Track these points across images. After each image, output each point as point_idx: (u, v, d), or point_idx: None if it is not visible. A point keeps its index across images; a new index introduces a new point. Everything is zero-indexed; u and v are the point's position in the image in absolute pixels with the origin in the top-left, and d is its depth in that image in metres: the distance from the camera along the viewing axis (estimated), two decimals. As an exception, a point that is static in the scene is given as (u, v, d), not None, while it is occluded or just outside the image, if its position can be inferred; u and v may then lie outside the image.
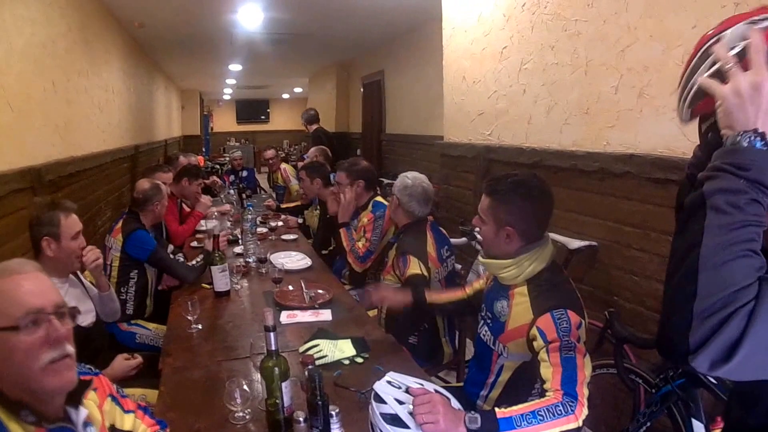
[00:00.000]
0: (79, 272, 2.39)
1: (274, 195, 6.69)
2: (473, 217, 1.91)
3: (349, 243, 3.21)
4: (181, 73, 11.94)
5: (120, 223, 3.09)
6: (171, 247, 3.63)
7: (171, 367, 2.02)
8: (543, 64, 3.05)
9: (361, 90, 9.52)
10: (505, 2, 3.37)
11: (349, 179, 3.35)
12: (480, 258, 1.95)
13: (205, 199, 4.77)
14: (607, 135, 2.61)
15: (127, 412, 1.40)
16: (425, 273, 2.52)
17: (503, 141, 3.55)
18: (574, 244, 2.74)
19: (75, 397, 1.15)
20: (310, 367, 1.63)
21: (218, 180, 6.60)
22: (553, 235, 2.79)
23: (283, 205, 5.54)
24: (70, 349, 1.10)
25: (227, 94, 18.34)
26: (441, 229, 2.83)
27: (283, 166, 6.49)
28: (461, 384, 2.24)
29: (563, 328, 1.58)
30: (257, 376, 1.82)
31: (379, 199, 3.40)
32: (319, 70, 12.06)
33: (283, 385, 1.54)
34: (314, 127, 7.93)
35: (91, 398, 1.25)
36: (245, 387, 1.63)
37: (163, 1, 5.21)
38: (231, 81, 13.73)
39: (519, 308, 1.75)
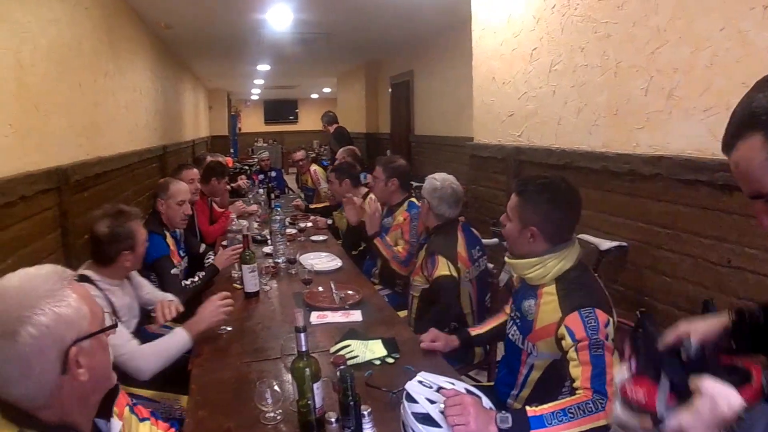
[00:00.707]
0: None
1: (302, 196, 6.80)
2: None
3: (389, 251, 3.28)
4: (208, 74, 12.19)
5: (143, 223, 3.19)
6: (203, 246, 3.73)
7: (201, 368, 2.07)
8: (573, 65, 3.12)
9: (389, 90, 9.64)
10: (535, 4, 3.44)
11: (385, 174, 3.48)
12: (506, 258, 1.99)
13: (239, 203, 4.98)
14: (637, 136, 2.67)
15: (142, 420, 1.40)
16: (454, 273, 2.58)
17: (533, 142, 3.61)
18: (605, 244, 2.80)
19: (105, 408, 1.17)
20: (342, 367, 1.64)
21: (246, 181, 6.73)
22: (584, 236, 2.85)
23: (312, 206, 5.64)
24: None
25: (255, 94, 18.61)
26: (473, 229, 2.89)
27: (314, 168, 6.54)
28: (492, 383, 2.29)
29: (591, 326, 1.62)
30: (288, 377, 1.86)
31: (413, 200, 3.49)
32: (347, 70, 12.20)
33: (315, 386, 1.56)
34: (334, 127, 8.11)
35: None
36: (276, 387, 1.66)
37: (189, 2, 5.34)
38: (259, 81, 13.95)
39: (547, 307, 1.79)
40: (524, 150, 3.68)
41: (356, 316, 2.52)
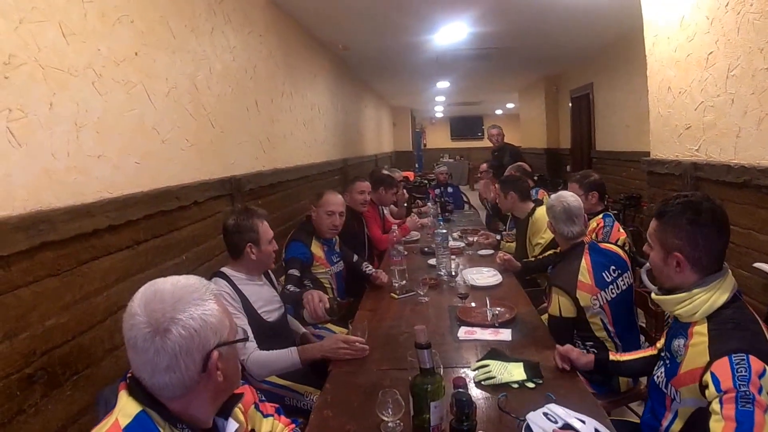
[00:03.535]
0: (270, 271, 2.78)
1: (484, 211, 6.88)
2: None
3: None
4: (390, 92, 12.80)
5: (294, 230, 3.48)
6: (356, 257, 3.87)
7: (339, 369, 2.23)
8: (752, 69, 2.80)
9: (569, 104, 9.36)
10: (706, 3, 3.16)
11: (582, 189, 3.68)
12: (653, 295, 1.85)
13: (414, 216, 5.27)
14: (824, 150, 2.33)
15: (266, 416, 1.56)
16: (566, 313, 2.53)
17: (711, 157, 3.30)
18: (784, 275, 2.49)
19: (227, 409, 1.30)
20: (459, 390, 1.62)
21: (428, 206, 6.94)
22: (760, 265, 2.55)
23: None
24: None
25: (439, 111, 19.17)
26: (607, 247, 2.75)
27: None
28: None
29: (741, 376, 1.43)
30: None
31: (609, 212, 3.73)
32: (527, 85, 12.09)
33: (433, 404, 1.57)
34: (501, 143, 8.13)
35: (237, 407, 1.39)
36: (399, 398, 1.68)
37: (364, 25, 5.69)
38: (440, 98, 14.37)
39: (695, 349, 1.62)
40: (701, 166, 3.37)
41: (505, 335, 2.52)
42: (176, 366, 1.11)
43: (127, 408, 1.12)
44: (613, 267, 2.60)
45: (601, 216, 3.65)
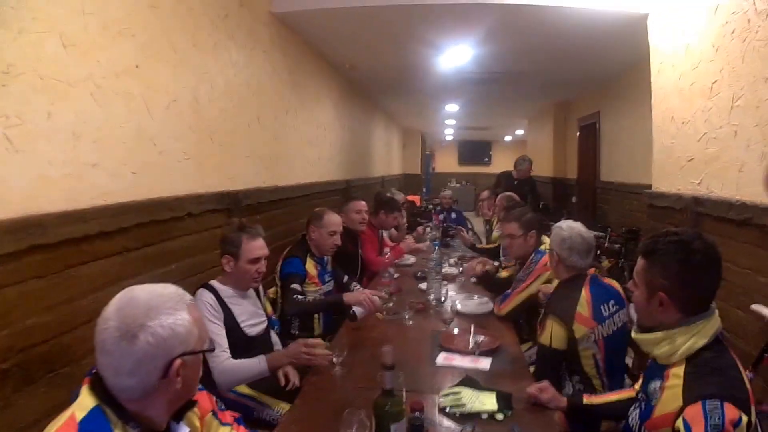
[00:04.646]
0: (260, 288, 2.83)
1: (482, 239, 6.88)
2: None
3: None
4: (400, 113, 12.80)
5: (289, 248, 3.52)
6: (346, 277, 3.91)
7: (313, 386, 2.26)
8: (756, 100, 2.77)
9: (577, 133, 9.32)
10: (713, 30, 3.15)
11: (522, 230, 3.42)
12: (632, 333, 1.81)
13: (410, 239, 5.29)
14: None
15: (224, 424, 1.58)
16: (556, 344, 2.46)
17: (713, 192, 3.26)
18: (787, 320, 2.42)
19: (181, 413, 1.34)
20: (416, 414, 1.62)
21: (425, 229, 6.92)
22: (758, 307, 2.49)
23: (479, 245, 5.75)
24: None
25: (449, 134, 19.15)
26: (608, 282, 2.68)
27: None
28: None
29: (714, 425, 1.38)
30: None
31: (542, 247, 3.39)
32: (537, 112, 12.05)
33: (393, 426, 1.59)
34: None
35: (193, 412, 1.43)
36: (363, 418, 1.67)
37: (369, 45, 5.70)
38: (450, 121, 14.38)
39: (670, 392, 1.58)
40: (702, 201, 3.32)
41: (484, 364, 2.51)
42: (138, 371, 1.16)
43: (84, 402, 1.17)
44: (612, 301, 2.54)
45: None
